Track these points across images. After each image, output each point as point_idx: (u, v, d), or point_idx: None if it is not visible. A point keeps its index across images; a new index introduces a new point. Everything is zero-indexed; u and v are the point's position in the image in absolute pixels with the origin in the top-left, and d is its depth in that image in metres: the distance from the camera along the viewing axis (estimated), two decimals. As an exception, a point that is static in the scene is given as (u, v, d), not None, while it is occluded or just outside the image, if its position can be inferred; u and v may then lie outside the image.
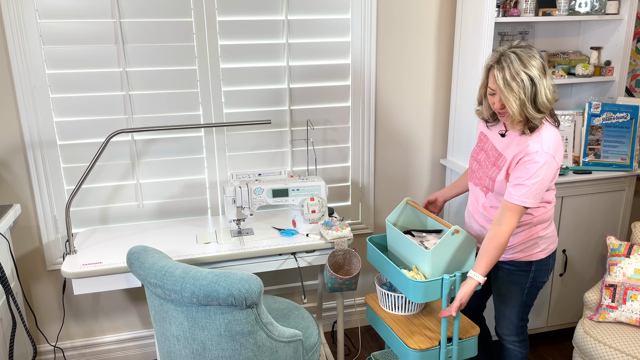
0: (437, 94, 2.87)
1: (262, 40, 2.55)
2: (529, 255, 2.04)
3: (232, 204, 2.30)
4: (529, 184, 1.85)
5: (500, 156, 1.98)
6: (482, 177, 2.06)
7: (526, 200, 1.86)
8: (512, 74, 1.78)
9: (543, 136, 1.87)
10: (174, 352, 1.87)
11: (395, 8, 2.69)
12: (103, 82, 2.42)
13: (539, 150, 1.85)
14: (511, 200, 1.88)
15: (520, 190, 1.87)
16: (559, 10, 2.63)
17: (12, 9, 2.23)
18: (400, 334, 2.07)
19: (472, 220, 2.16)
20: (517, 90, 1.79)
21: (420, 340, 2.03)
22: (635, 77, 3.06)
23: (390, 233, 2.22)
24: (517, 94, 1.79)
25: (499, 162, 1.98)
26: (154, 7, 2.39)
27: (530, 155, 1.85)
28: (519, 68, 1.78)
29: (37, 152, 2.41)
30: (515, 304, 2.12)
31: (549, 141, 1.86)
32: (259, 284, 1.73)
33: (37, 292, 2.61)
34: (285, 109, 2.67)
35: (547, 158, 1.85)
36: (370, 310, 2.28)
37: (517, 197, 1.87)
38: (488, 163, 2.04)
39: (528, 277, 2.07)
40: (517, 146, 1.92)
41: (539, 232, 2.03)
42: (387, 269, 2.12)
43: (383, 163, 2.90)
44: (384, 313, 2.21)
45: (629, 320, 2.29)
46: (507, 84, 1.79)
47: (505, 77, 1.79)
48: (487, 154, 2.06)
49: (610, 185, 2.70)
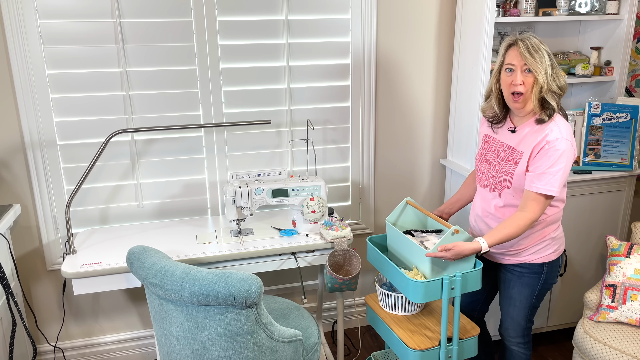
0: (437, 94, 2.87)
1: (262, 40, 2.55)
2: (541, 257, 2.03)
3: (232, 204, 2.30)
4: (552, 172, 1.85)
5: (515, 151, 1.96)
6: (495, 175, 2.03)
7: (551, 189, 1.86)
8: (534, 47, 1.87)
9: (559, 124, 1.89)
10: (174, 352, 1.87)
11: (395, 8, 2.69)
12: (103, 82, 2.42)
13: (559, 137, 1.86)
14: (535, 190, 1.88)
15: (544, 179, 1.86)
16: (559, 10, 2.63)
17: (12, 9, 2.23)
18: (400, 334, 2.07)
19: (482, 223, 2.13)
20: (541, 61, 1.85)
21: (420, 340, 2.03)
22: (635, 77, 3.06)
23: (390, 233, 2.21)
24: (543, 63, 1.85)
25: (514, 156, 1.97)
26: (154, 7, 2.39)
27: (551, 143, 1.85)
28: (538, 44, 1.87)
29: (37, 152, 2.41)
30: (525, 306, 2.10)
31: (566, 128, 1.89)
32: (258, 284, 1.73)
33: (37, 292, 2.61)
34: (285, 109, 2.67)
35: (567, 145, 1.86)
36: (370, 310, 2.28)
37: (542, 186, 1.86)
38: (501, 160, 2.02)
39: (539, 279, 2.05)
40: (534, 136, 1.91)
41: (550, 234, 2.02)
42: (387, 269, 2.12)
43: (383, 163, 2.90)
44: (384, 313, 2.21)
45: (629, 320, 2.29)
46: (535, 51, 1.86)
47: (529, 48, 1.86)
48: (497, 153, 2.05)
49: (610, 185, 2.70)
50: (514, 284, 2.09)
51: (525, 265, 2.05)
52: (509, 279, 2.10)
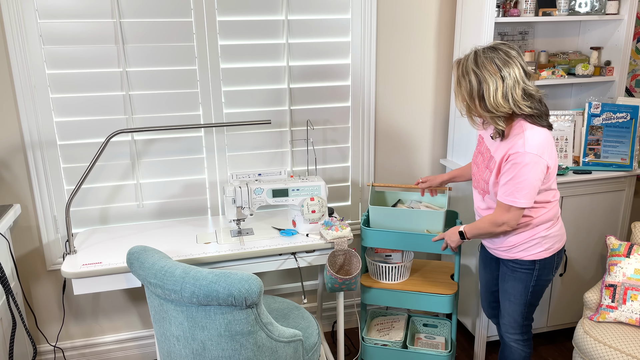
0: (437, 94, 2.87)
1: (262, 40, 2.55)
2: (531, 254, 2.05)
3: (232, 204, 2.30)
4: (513, 184, 1.89)
5: (492, 158, 2.01)
6: (479, 179, 2.10)
7: (515, 200, 1.90)
8: (462, 72, 1.91)
9: (527, 136, 1.88)
10: (174, 352, 1.87)
11: (395, 8, 2.69)
12: (103, 82, 2.42)
13: (521, 150, 1.87)
14: (501, 200, 1.95)
15: (507, 190, 1.91)
16: (559, 10, 2.63)
17: (12, 9, 2.23)
18: (425, 290, 2.45)
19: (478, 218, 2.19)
20: (466, 84, 1.90)
21: (443, 288, 2.46)
22: (635, 77, 3.06)
23: (378, 216, 2.44)
24: (468, 89, 1.90)
25: (490, 164, 2.02)
26: (154, 7, 2.39)
27: (513, 156, 1.89)
28: (469, 65, 1.89)
29: (37, 152, 2.41)
30: (520, 301, 2.12)
31: (532, 141, 1.87)
32: (258, 284, 1.73)
33: (37, 292, 2.61)
34: (285, 109, 2.67)
35: (531, 158, 1.86)
36: (375, 290, 2.49)
37: (505, 197, 1.92)
38: (482, 166, 2.08)
39: (532, 275, 2.08)
40: (504, 147, 1.95)
41: (540, 232, 2.03)
42: (395, 236, 2.41)
43: (383, 163, 2.90)
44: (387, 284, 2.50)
45: (629, 320, 2.29)
46: (463, 76, 1.90)
47: (458, 75, 1.92)
48: (482, 157, 2.10)
49: (610, 185, 2.70)
50: (508, 277, 2.13)
51: (517, 261, 2.09)
52: (504, 272, 2.15)
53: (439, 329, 2.75)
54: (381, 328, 2.72)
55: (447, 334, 2.72)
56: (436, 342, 2.68)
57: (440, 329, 2.74)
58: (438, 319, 2.75)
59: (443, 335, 2.73)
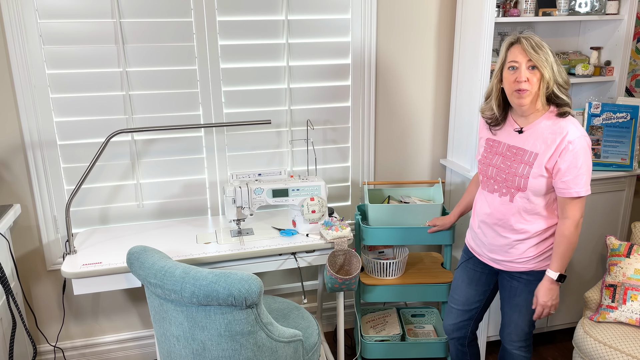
0: (437, 94, 2.87)
1: (262, 40, 2.55)
2: (547, 264, 2.00)
3: (232, 204, 2.30)
4: (583, 172, 1.85)
5: (525, 152, 1.93)
6: (507, 179, 1.97)
7: (587, 188, 1.87)
8: (538, 44, 1.87)
9: (573, 121, 1.89)
10: (174, 352, 1.87)
11: (395, 8, 2.69)
12: (103, 82, 2.42)
13: (580, 134, 1.85)
14: (576, 195, 1.86)
15: (579, 181, 1.85)
16: (559, 10, 2.63)
17: (12, 9, 2.23)
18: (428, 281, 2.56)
19: (489, 230, 2.07)
20: (546, 57, 1.86)
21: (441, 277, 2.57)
22: (635, 77, 3.06)
23: (377, 213, 2.51)
24: (548, 59, 1.86)
25: (525, 158, 1.93)
26: (154, 7, 2.39)
27: (574, 142, 1.84)
28: (540, 41, 1.88)
29: (37, 152, 2.41)
30: (530, 312, 2.07)
31: (579, 124, 1.89)
32: (258, 284, 1.73)
33: (37, 292, 2.61)
34: (285, 109, 2.67)
35: (587, 141, 1.87)
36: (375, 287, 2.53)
37: (580, 189, 1.86)
38: (511, 163, 1.97)
39: None
40: (551, 137, 1.88)
41: None
42: (397, 232, 2.48)
43: (383, 163, 2.90)
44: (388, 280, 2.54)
45: (629, 320, 2.29)
46: (539, 47, 1.86)
47: (533, 45, 1.86)
48: (504, 156, 2.00)
49: (610, 185, 2.70)
50: (521, 291, 2.06)
51: (532, 273, 2.02)
52: (516, 286, 2.07)
53: (426, 318, 2.91)
54: (375, 324, 2.78)
55: (434, 322, 2.89)
56: (427, 331, 2.83)
57: (428, 317, 2.91)
58: (424, 308, 2.92)
59: (431, 324, 2.89)
